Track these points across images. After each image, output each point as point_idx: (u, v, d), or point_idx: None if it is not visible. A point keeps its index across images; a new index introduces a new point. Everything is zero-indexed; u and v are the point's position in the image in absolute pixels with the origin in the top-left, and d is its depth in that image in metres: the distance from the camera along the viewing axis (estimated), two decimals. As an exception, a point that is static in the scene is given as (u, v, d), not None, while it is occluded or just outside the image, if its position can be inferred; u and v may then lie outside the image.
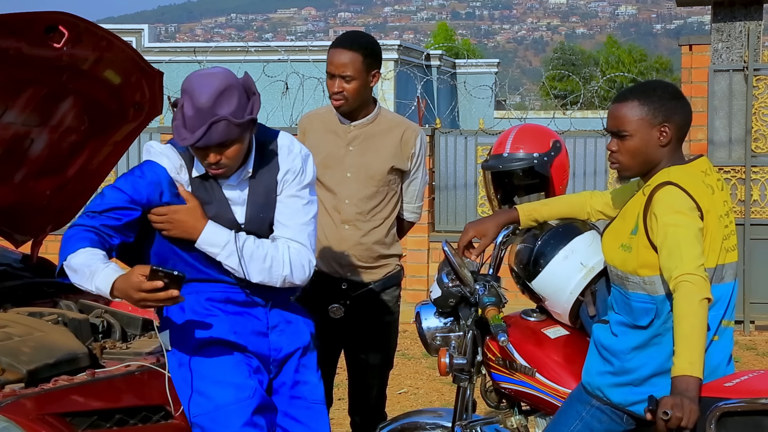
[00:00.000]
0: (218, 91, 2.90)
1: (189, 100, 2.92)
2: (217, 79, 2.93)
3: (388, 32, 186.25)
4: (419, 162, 4.01)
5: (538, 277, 3.32)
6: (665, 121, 2.93)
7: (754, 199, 8.89)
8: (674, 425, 2.64)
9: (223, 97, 2.91)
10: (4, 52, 3.20)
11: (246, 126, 2.97)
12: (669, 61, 43.73)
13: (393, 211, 4.01)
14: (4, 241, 4.26)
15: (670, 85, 3.05)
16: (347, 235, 3.91)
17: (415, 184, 4.05)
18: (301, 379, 3.24)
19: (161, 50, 19.61)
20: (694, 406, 2.64)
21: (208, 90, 2.90)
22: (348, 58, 3.80)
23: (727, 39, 8.97)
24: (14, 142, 3.67)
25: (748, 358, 7.96)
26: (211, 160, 2.98)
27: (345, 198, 3.91)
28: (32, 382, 3.07)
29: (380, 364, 4.04)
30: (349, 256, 3.92)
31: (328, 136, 3.95)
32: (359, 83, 3.82)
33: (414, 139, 3.97)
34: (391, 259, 4.02)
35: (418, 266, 9.95)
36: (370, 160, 3.91)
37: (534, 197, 3.65)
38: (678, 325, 2.71)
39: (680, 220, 2.80)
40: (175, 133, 2.97)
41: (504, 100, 18.67)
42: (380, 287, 3.98)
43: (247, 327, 3.16)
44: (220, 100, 2.90)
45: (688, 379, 2.67)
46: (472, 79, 16.17)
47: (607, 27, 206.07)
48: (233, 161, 3.02)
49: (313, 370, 3.29)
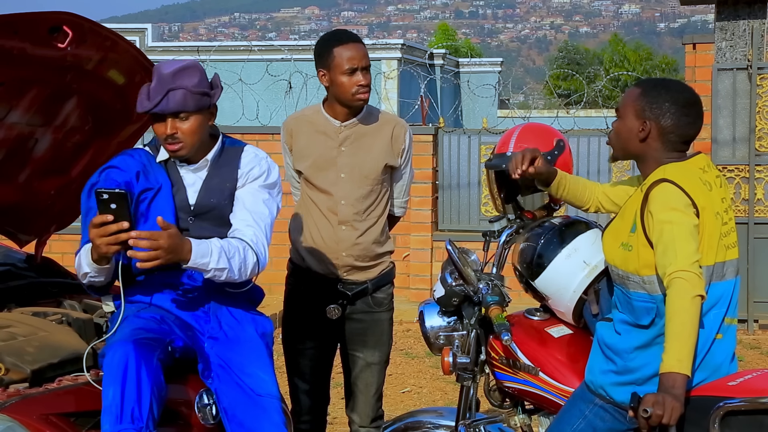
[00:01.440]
0: (182, 66, 3.17)
1: (155, 75, 3.17)
2: (185, 61, 3.23)
3: (392, 31, 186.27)
4: (408, 157, 4.04)
5: (541, 276, 3.32)
6: (650, 119, 2.95)
7: (757, 197, 8.88)
8: (655, 423, 2.64)
9: (185, 72, 3.17)
10: (9, 52, 3.20)
11: (203, 103, 3.19)
12: (675, 61, 43.64)
13: (385, 209, 4.02)
14: (9, 240, 4.26)
15: (687, 94, 3.00)
16: (344, 235, 3.91)
17: (404, 180, 4.08)
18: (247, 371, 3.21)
19: (164, 49, 19.64)
20: (676, 404, 2.64)
21: (173, 65, 3.18)
22: (365, 50, 3.84)
23: (731, 38, 8.96)
24: (18, 142, 3.68)
25: (751, 357, 7.95)
26: (168, 131, 3.17)
27: (341, 199, 3.91)
28: (36, 382, 3.07)
29: (377, 362, 4.04)
30: (345, 256, 3.92)
31: (318, 137, 3.94)
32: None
33: (403, 135, 3.98)
34: (385, 257, 4.03)
35: (422, 265, 9.95)
36: (364, 160, 3.91)
37: (537, 196, 3.66)
38: (669, 322, 2.72)
39: (675, 217, 2.81)
40: (138, 104, 3.19)
41: (507, 99, 18.69)
42: (375, 285, 3.99)
43: (187, 305, 3.28)
44: (182, 74, 3.16)
45: (675, 376, 2.67)
46: (476, 78, 16.18)
47: (611, 26, 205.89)
48: (189, 137, 3.20)
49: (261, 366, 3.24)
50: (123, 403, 2.84)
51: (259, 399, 3.15)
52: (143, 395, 2.87)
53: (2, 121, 3.52)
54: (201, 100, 3.18)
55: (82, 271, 3.14)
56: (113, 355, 2.91)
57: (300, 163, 3.95)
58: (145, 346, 2.96)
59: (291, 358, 4.05)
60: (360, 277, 3.96)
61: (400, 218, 4.20)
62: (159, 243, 2.92)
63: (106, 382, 2.89)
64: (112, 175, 3.22)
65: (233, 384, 3.16)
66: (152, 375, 2.92)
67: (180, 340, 3.16)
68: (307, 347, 4.01)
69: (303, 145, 3.95)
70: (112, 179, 3.20)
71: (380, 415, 4.11)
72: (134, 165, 3.27)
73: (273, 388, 3.19)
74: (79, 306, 3.78)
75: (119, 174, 3.22)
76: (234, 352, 3.21)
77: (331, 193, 3.91)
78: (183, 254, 3.02)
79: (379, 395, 4.09)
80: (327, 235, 3.92)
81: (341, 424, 4.25)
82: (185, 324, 3.25)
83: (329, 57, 3.80)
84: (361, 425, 4.06)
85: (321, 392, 4.09)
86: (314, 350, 4.02)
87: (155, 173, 3.29)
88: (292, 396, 4.05)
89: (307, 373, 4.02)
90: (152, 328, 3.10)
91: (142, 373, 2.88)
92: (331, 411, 5.52)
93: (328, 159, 3.91)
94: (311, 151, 3.92)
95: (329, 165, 3.91)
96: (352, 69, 3.79)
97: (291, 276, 4.07)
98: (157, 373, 2.95)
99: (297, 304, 4.04)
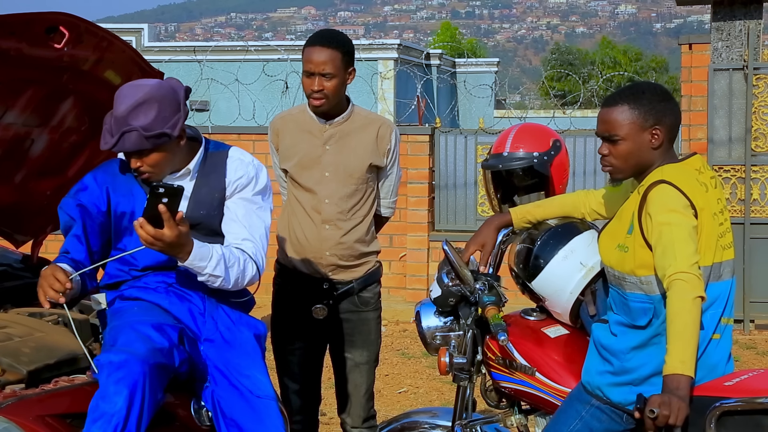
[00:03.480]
0: (137, 102, 3.06)
1: (114, 108, 3.10)
2: (141, 91, 3.08)
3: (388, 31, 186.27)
4: (394, 157, 4.03)
5: (537, 277, 3.32)
6: (656, 124, 2.94)
7: (754, 198, 8.89)
8: (661, 423, 2.64)
9: (139, 109, 3.06)
10: (5, 52, 3.20)
11: (161, 142, 3.09)
12: (665, 60, 43.72)
13: (371, 209, 4.02)
14: (5, 241, 4.26)
15: (658, 87, 3.04)
16: (328, 234, 3.92)
17: (391, 180, 4.08)
18: (244, 372, 3.21)
19: (161, 50, 19.63)
20: (683, 405, 2.64)
21: (128, 101, 3.07)
22: (327, 55, 3.78)
23: (727, 38, 8.97)
24: (15, 143, 3.67)
25: (747, 357, 7.96)
26: (132, 165, 3.16)
27: (325, 198, 3.91)
28: (33, 383, 3.06)
29: (366, 361, 4.05)
30: (330, 256, 3.93)
31: (303, 136, 3.94)
32: (338, 81, 3.82)
33: (389, 135, 3.98)
34: (371, 256, 4.04)
35: (418, 265, 9.95)
36: (348, 159, 3.91)
37: (534, 196, 3.66)
38: (671, 323, 2.72)
39: (674, 219, 2.80)
40: (101, 139, 3.15)
41: (504, 100, 18.69)
42: (361, 285, 4.00)
43: (184, 305, 3.25)
44: (136, 112, 3.05)
45: (679, 377, 2.67)
46: (472, 79, 16.17)
47: (607, 26, 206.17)
48: (155, 168, 3.16)
49: (258, 367, 3.25)
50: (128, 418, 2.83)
51: (258, 401, 3.15)
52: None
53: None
54: (157, 140, 3.09)
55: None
56: (126, 368, 2.87)
57: (286, 162, 3.96)
58: (157, 374, 2.95)
59: (280, 359, 4.06)
60: (346, 277, 3.97)
61: (388, 219, 4.20)
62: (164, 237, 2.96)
63: (113, 388, 2.85)
64: (81, 198, 3.23)
65: (231, 386, 3.16)
66: (152, 408, 2.92)
67: (185, 364, 3.13)
68: (296, 347, 4.02)
69: (289, 144, 3.96)
70: (84, 201, 3.23)
71: (372, 416, 4.11)
72: (102, 181, 3.26)
73: (270, 389, 3.19)
74: (76, 307, 3.78)
75: (88, 195, 3.24)
76: (231, 354, 3.21)
77: (315, 191, 3.91)
78: (182, 254, 3.04)
79: (369, 395, 4.09)
80: (311, 235, 3.93)
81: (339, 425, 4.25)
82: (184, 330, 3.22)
83: (302, 55, 3.84)
84: (353, 426, 4.07)
85: (312, 392, 4.10)
86: (303, 350, 4.03)
87: (129, 187, 3.26)
88: (283, 396, 4.05)
89: (297, 373, 4.03)
90: (164, 349, 3.04)
91: (145, 404, 2.87)
92: (328, 412, 5.53)
93: (313, 157, 3.92)
94: (296, 150, 3.93)
95: (314, 164, 3.92)
96: (308, 72, 3.82)
97: (278, 276, 4.08)
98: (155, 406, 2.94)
99: (284, 305, 4.05)
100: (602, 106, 3.02)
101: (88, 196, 3.24)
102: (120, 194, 3.25)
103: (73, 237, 3.20)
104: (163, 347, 3.02)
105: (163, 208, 2.93)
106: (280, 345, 4.05)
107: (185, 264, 3.08)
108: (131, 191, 3.26)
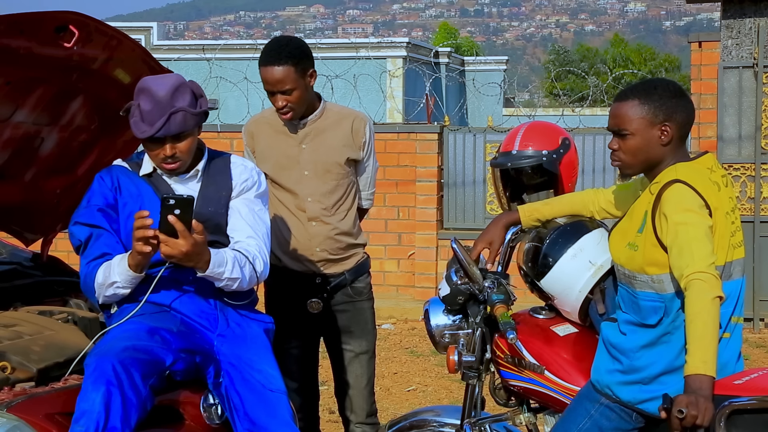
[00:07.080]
0: (174, 86, 3.17)
1: (147, 97, 3.16)
2: (171, 78, 3.22)
3: (397, 29, 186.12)
4: (370, 150, 4.06)
5: (546, 276, 3.32)
6: (666, 120, 2.93)
7: (763, 196, 8.86)
8: (689, 423, 2.63)
9: (179, 91, 3.18)
10: (15, 51, 3.20)
11: (200, 118, 3.22)
12: (677, 59, 43.52)
13: (354, 202, 4.06)
14: (15, 239, 4.27)
15: (671, 83, 3.03)
16: (315, 231, 3.95)
17: (368, 172, 4.11)
18: (256, 367, 3.22)
19: (170, 48, 19.67)
20: (709, 405, 2.63)
21: (166, 86, 3.16)
22: (281, 73, 3.76)
23: (737, 36, 8.94)
24: (25, 141, 3.68)
25: (757, 355, 7.94)
26: (168, 153, 3.20)
27: (307, 196, 3.94)
28: (42, 381, 3.08)
29: (365, 351, 4.08)
30: (320, 251, 3.97)
31: (278, 137, 3.97)
32: (300, 91, 3.81)
33: (363, 128, 4.01)
34: (359, 248, 4.08)
35: (427, 264, 9.94)
36: (325, 155, 3.94)
37: (543, 194, 3.65)
38: (690, 324, 2.70)
39: (690, 219, 2.79)
40: (134, 128, 3.18)
41: (513, 98, 18.65)
42: (353, 276, 4.05)
43: (195, 303, 3.26)
44: (177, 94, 3.17)
45: (701, 377, 2.66)
46: (481, 77, 16.13)
47: (616, 24, 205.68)
48: (187, 155, 3.24)
49: (269, 362, 3.27)
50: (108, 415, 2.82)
51: (270, 394, 3.17)
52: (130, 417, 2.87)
53: (8, 121, 3.53)
54: (200, 118, 3.23)
55: (110, 280, 3.13)
56: (99, 367, 2.88)
57: (263, 164, 3.94)
58: (136, 370, 2.93)
59: (278, 358, 4.06)
60: (337, 269, 4.02)
61: (367, 210, 4.25)
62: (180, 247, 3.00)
63: (90, 388, 2.86)
64: (98, 203, 3.26)
65: (244, 381, 3.18)
66: (139, 404, 2.90)
67: (182, 362, 3.13)
68: (293, 346, 4.04)
69: (264, 147, 3.98)
70: (101, 204, 3.26)
71: (374, 411, 4.12)
72: (109, 186, 3.29)
73: (281, 383, 3.22)
74: (85, 305, 3.79)
75: (102, 200, 3.26)
76: (243, 348, 3.24)
77: (296, 191, 3.95)
78: (200, 264, 3.08)
79: (371, 388, 4.11)
80: (298, 233, 3.96)
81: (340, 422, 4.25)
82: (191, 330, 3.23)
83: (259, 72, 3.83)
84: (357, 422, 4.07)
85: (311, 389, 4.13)
86: (300, 349, 4.06)
87: (137, 188, 3.29)
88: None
89: (296, 371, 4.04)
90: (147, 348, 3.04)
91: (127, 400, 2.86)
92: (334, 408, 5.53)
93: (291, 157, 3.94)
94: (273, 152, 3.96)
95: (292, 164, 3.94)
96: (269, 92, 3.83)
97: (269, 276, 4.09)
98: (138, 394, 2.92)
99: (278, 304, 4.08)
100: (614, 100, 3.03)
101: (102, 201, 3.27)
102: (127, 196, 3.28)
103: (109, 238, 3.23)
104: (147, 346, 3.03)
105: (175, 219, 2.97)
106: (277, 344, 4.05)
107: (204, 274, 3.12)
108: (139, 191, 3.28)
